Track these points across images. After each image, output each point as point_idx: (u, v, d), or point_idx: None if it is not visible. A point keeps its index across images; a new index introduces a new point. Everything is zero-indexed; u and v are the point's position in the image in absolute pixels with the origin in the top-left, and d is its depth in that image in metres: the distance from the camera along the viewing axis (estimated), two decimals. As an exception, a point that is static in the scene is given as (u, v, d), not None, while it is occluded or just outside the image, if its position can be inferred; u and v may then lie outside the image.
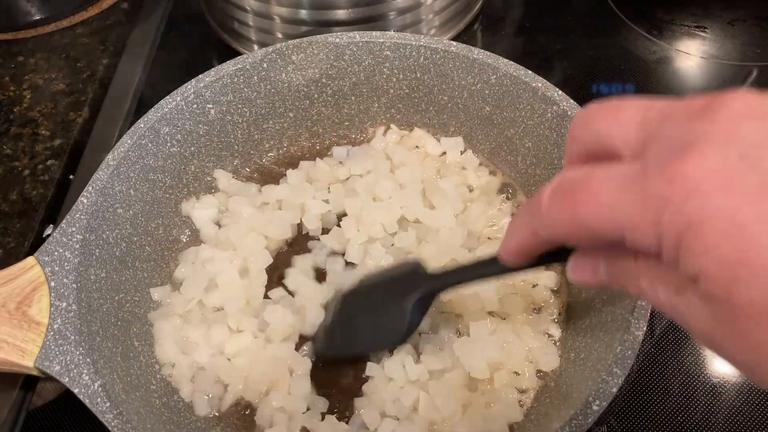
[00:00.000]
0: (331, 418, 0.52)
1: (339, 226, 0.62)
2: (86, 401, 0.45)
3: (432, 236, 0.60)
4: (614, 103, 0.32)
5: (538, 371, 0.53)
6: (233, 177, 0.66)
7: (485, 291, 0.55)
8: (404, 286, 0.50)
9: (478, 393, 0.52)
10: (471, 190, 0.64)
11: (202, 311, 0.57)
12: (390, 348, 0.53)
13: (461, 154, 0.67)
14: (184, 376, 0.54)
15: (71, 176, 0.72)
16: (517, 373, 0.53)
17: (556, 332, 0.55)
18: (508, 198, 0.64)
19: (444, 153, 0.67)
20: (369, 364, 0.53)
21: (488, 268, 0.45)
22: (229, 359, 0.55)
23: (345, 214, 0.62)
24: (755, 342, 0.25)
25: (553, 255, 0.36)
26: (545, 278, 0.57)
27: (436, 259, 0.57)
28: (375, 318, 0.52)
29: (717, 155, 0.25)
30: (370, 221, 0.60)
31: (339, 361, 0.55)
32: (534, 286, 0.57)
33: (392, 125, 0.68)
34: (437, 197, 0.61)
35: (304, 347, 0.56)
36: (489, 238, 0.61)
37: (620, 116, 0.31)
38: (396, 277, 0.53)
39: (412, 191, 0.62)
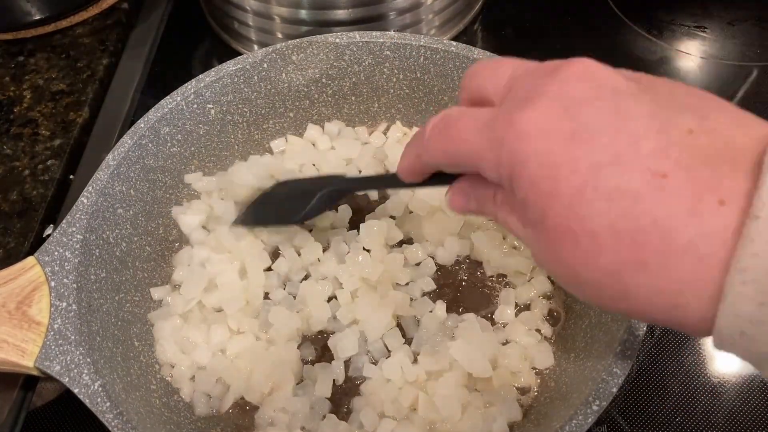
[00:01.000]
0: (332, 417, 0.52)
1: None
2: (86, 401, 0.45)
3: (427, 223, 0.60)
4: (497, 60, 0.38)
5: (535, 369, 0.53)
6: (203, 174, 0.64)
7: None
8: (321, 182, 0.57)
9: (477, 393, 0.52)
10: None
11: (202, 312, 0.57)
12: (287, 224, 0.59)
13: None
14: (184, 376, 0.54)
15: (71, 176, 0.72)
16: (514, 373, 0.53)
17: (548, 330, 0.55)
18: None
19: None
20: (367, 365, 0.53)
21: (391, 181, 0.50)
22: (231, 360, 0.55)
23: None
24: (561, 258, 0.31)
25: (440, 178, 0.41)
26: (538, 284, 0.57)
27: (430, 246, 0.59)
28: (287, 200, 0.58)
29: (546, 108, 0.31)
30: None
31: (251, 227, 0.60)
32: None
33: (398, 122, 0.69)
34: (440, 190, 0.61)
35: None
36: (487, 229, 0.61)
37: (498, 71, 0.36)
38: (319, 176, 0.61)
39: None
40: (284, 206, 0.58)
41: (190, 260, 0.60)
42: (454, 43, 0.62)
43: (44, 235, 0.66)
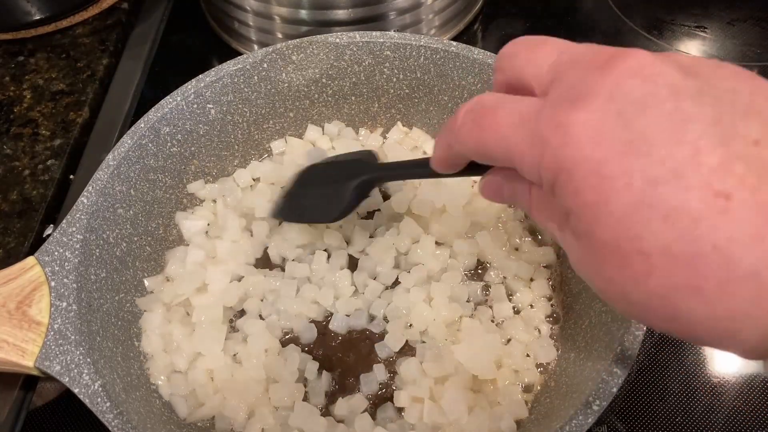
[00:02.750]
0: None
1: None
2: (86, 401, 0.45)
3: (435, 225, 0.60)
4: (536, 40, 0.34)
5: (538, 365, 0.53)
6: (205, 182, 0.65)
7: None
8: (353, 170, 0.55)
9: (482, 394, 0.52)
10: (473, 185, 0.65)
11: (187, 309, 0.57)
12: (327, 222, 0.59)
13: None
14: (160, 374, 0.54)
15: (71, 176, 0.72)
16: (517, 371, 0.53)
17: (547, 330, 0.55)
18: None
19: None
20: (362, 376, 0.53)
21: (423, 170, 0.47)
22: (208, 377, 0.54)
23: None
24: (608, 276, 0.29)
25: (474, 169, 0.39)
26: (538, 288, 0.58)
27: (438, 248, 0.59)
28: (323, 194, 0.57)
29: (598, 110, 0.28)
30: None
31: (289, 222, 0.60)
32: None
33: (398, 122, 0.69)
34: (442, 190, 0.61)
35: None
36: (492, 228, 0.61)
37: (538, 54, 0.33)
38: (350, 160, 0.58)
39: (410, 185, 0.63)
40: (318, 201, 0.57)
41: (184, 257, 0.60)
42: (454, 43, 0.62)
43: (44, 235, 0.66)
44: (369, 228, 0.61)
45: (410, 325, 0.55)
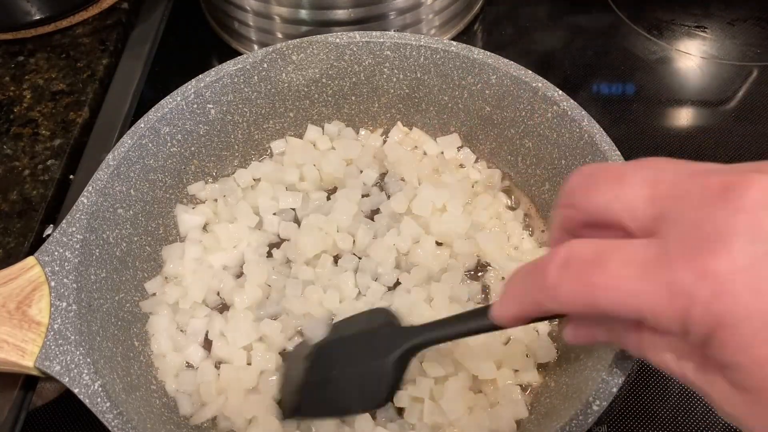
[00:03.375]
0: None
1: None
2: (86, 401, 0.45)
3: (434, 224, 0.60)
4: (615, 171, 0.31)
5: (538, 365, 0.53)
6: (205, 183, 0.65)
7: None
8: (383, 342, 0.47)
9: (482, 394, 0.52)
10: (473, 185, 0.65)
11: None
12: (371, 410, 0.50)
13: (458, 150, 0.67)
14: (170, 372, 0.54)
15: (71, 176, 0.72)
16: (517, 371, 0.53)
17: (546, 329, 0.55)
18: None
19: (441, 153, 0.67)
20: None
21: (475, 324, 0.42)
22: (215, 372, 0.54)
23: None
24: None
25: (540, 318, 0.36)
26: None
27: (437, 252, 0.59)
28: (353, 377, 0.48)
29: (744, 252, 0.25)
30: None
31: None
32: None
33: (398, 122, 0.69)
34: (443, 190, 0.61)
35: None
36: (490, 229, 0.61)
37: (625, 189, 0.30)
38: (373, 331, 0.50)
39: (410, 186, 0.63)
40: (348, 387, 0.48)
41: (181, 255, 0.60)
42: (454, 43, 0.62)
43: (44, 235, 0.66)
44: (373, 228, 0.61)
45: None
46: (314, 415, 0.50)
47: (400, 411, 0.52)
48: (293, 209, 0.64)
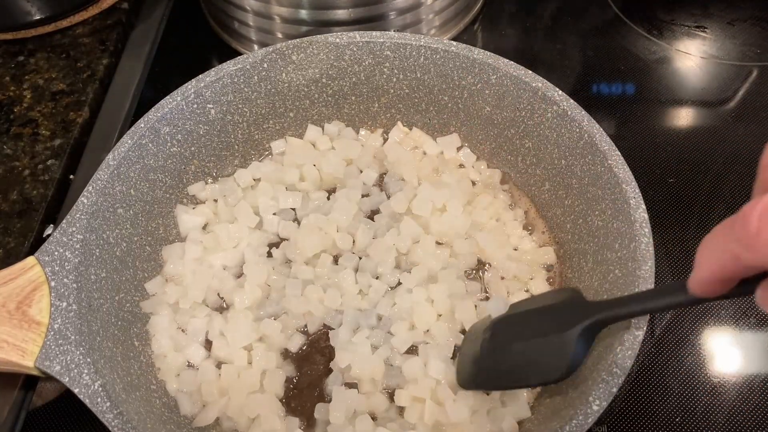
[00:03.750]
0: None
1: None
2: (86, 401, 0.45)
3: (434, 224, 0.60)
4: None
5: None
6: (205, 183, 0.65)
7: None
8: (565, 315, 0.46)
9: (483, 394, 0.52)
10: (474, 184, 0.65)
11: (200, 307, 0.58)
12: (552, 382, 0.48)
13: (458, 150, 0.67)
14: (171, 372, 0.54)
15: (71, 176, 0.72)
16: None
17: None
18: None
19: (441, 153, 0.67)
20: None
21: (669, 299, 0.40)
22: (216, 373, 0.54)
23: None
24: None
25: (746, 284, 0.33)
26: (533, 286, 0.58)
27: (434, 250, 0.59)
28: (532, 350, 0.47)
29: None
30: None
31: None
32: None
33: (398, 122, 0.69)
34: (443, 190, 0.61)
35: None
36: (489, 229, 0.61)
37: None
38: (555, 306, 0.49)
39: (410, 186, 0.63)
40: (525, 360, 0.47)
41: (181, 255, 0.60)
42: (454, 43, 0.62)
43: (44, 235, 0.66)
44: (373, 228, 0.61)
45: (413, 327, 0.55)
46: (491, 387, 0.51)
47: (400, 411, 0.52)
48: (293, 209, 0.64)
